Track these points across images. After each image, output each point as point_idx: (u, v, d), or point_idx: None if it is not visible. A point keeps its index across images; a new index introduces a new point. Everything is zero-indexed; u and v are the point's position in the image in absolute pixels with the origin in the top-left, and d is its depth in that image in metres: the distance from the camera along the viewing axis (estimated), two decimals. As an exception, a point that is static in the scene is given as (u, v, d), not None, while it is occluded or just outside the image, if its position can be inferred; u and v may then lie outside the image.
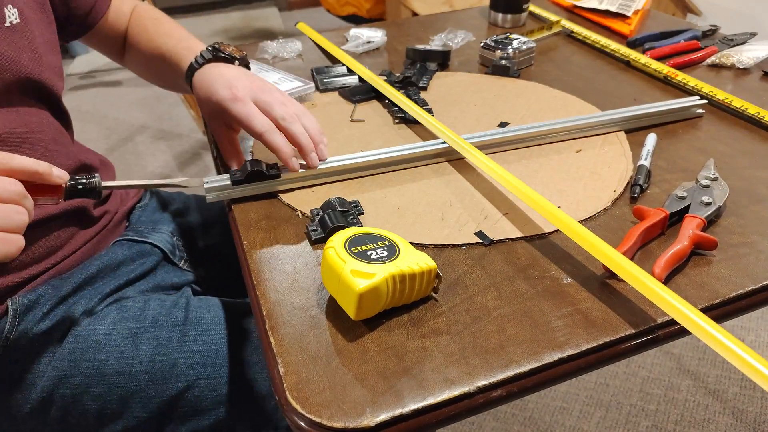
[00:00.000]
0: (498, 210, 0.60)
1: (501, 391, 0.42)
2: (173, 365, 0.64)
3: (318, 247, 0.56)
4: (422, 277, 0.47)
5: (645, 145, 0.68)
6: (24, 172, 0.48)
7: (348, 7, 2.49)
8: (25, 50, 0.63)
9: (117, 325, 0.65)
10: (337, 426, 0.39)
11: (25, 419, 0.63)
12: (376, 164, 0.66)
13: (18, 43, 0.62)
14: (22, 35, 0.62)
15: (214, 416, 0.64)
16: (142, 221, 0.80)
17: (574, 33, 1.02)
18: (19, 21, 0.62)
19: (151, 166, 2.15)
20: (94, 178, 0.54)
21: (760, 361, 0.39)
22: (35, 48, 0.64)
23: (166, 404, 0.63)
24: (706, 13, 2.24)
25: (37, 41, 0.65)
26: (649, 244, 0.55)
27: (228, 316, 0.68)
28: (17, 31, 0.62)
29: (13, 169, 0.47)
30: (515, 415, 1.26)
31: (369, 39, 1.00)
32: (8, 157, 0.47)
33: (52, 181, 0.51)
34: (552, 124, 0.71)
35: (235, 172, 0.62)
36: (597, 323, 0.46)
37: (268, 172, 0.62)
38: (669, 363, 1.35)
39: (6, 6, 0.61)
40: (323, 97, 0.84)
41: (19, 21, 0.62)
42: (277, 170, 0.62)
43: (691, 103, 0.75)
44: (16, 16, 0.62)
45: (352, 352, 0.45)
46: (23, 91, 0.63)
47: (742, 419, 1.23)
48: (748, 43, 0.94)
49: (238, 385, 0.65)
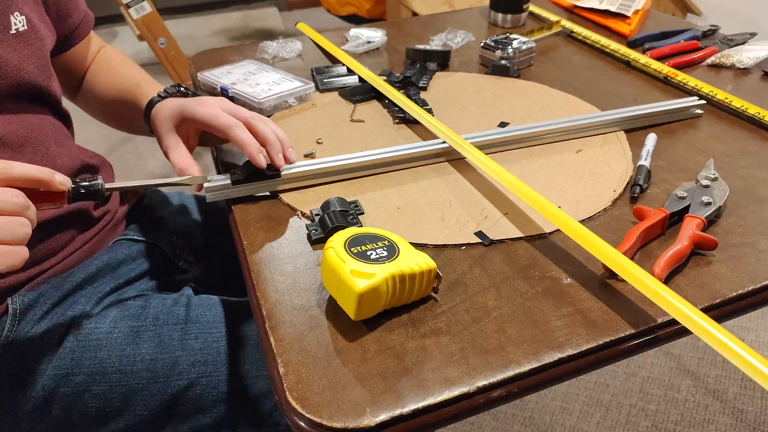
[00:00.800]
0: (498, 210, 0.60)
1: (501, 391, 0.42)
2: (175, 363, 0.64)
3: (318, 247, 0.56)
4: (422, 277, 0.47)
5: (645, 145, 0.68)
6: (26, 180, 0.47)
7: (348, 7, 2.49)
8: (31, 57, 0.62)
9: (118, 323, 0.65)
10: (337, 426, 0.39)
11: (26, 418, 0.63)
12: (376, 164, 0.66)
13: (24, 50, 0.62)
14: (28, 42, 0.62)
15: (215, 414, 0.64)
16: (142, 221, 0.80)
17: (574, 33, 1.02)
18: (27, 28, 0.62)
19: (151, 166, 2.15)
20: (96, 181, 0.54)
21: (761, 360, 0.39)
22: (43, 55, 0.64)
23: (167, 402, 0.64)
24: (706, 13, 2.24)
25: (44, 49, 0.65)
26: (649, 244, 0.55)
27: (229, 314, 0.68)
28: (23, 38, 0.62)
29: (14, 178, 0.47)
30: (515, 415, 1.26)
31: (369, 39, 1.00)
32: (8, 166, 0.46)
33: (55, 187, 0.50)
34: (552, 123, 0.71)
35: (234, 172, 0.62)
36: (597, 323, 0.46)
37: (268, 172, 0.62)
38: (669, 363, 1.35)
39: (13, 13, 0.61)
40: (323, 97, 0.84)
41: (26, 28, 0.62)
42: (276, 170, 0.62)
43: (690, 103, 0.76)
44: (24, 23, 0.62)
45: (352, 352, 0.45)
46: (26, 96, 0.63)
47: (742, 419, 1.23)
48: (748, 43, 0.94)
49: (239, 383, 0.65)
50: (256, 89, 0.80)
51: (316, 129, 0.76)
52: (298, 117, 0.79)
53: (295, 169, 0.63)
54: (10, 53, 0.60)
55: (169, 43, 1.99)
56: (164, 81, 2.89)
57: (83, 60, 0.80)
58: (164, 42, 1.91)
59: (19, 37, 0.61)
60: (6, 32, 0.60)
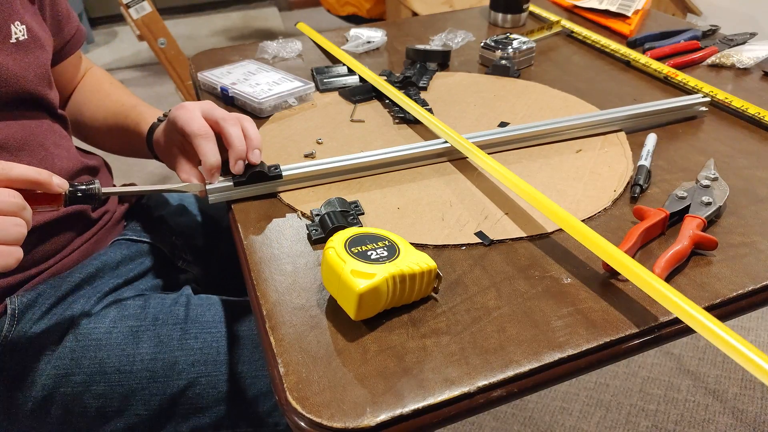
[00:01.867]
0: (498, 210, 0.60)
1: (501, 391, 0.42)
2: (174, 363, 0.64)
3: (318, 247, 0.55)
4: (422, 277, 0.47)
5: (645, 145, 0.68)
6: (24, 181, 0.48)
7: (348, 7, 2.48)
8: (31, 66, 0.62)
9: (117, 323, 0.65)
10: (337, 426, 0.39)
11: (26, 418, 0.63)
12: (377, 164, 0.66)
13: (24, 59, 0.62)
14: (28, 51, 0.62)
15: (215, 414, 0.64)
16: (141, 220, 0.80)
17: (574, 33, 1.02)
18: (27, 37, 0.62)
19: (151, 167, 2.14)
20: (93, 185, 0.54)
21: (761, 356, 0.39)
22: (42, 64, 0.64)
23: (167, 402, 0.64)
24: (706, 13, 2.24)
25: (44, 57, 0.64)
26: (650, 244, 0.55)
27: (228, 314, 0.68)
28: (23, 47, 0.62)
29: (12, 179, 0.47)
30: (515, 415, 1.26)
31: (369, 39, 1.00)
32: (8, 167, 0.47)
33: (53, 190, 0.50)
34: (552, 123, 0.71)
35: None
36: (597, 323, 0.46)
37: (270, 173, 0.62)
38: (669, 363, 1.35)
39: (13, 22, 0.60)
40: (323, 97, 0.84)
41: (27, 37, 0.62)
42: (278, 171, 0.62)
43: (695, 100, 0.75)
44: (24, 32, 0.61)
45: (352, 352, 0.45)
46: (25, 103, 0.63)
47: (742, 419, 1.23)
48: (748, 43, 0.94)
49: (239, 382, 0.65)
50: (256, 89, 0.80)
51: (316, 129, 0.76)
52: (298, 117, 0.79)
53: (296, 170, 0.63)
54: (10, 62, 0.60)
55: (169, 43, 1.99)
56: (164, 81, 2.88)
57: (72, 77, 0.80)
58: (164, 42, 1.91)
59: (19, 46, 0.61)
60: (6, 41, 0.60)
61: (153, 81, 2.72)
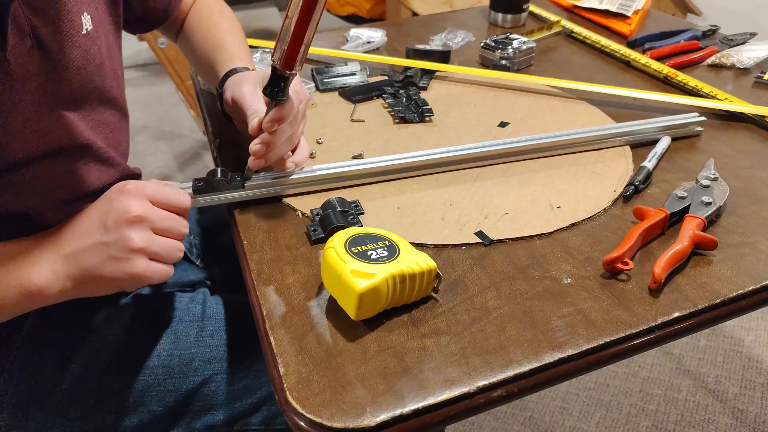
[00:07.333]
0: (498, 210, 0.60)
1: (501, 391, 0.42)
2: (191, 360, 0.64)
3: (318, 247, 0.56)
4: (422, 277, 0.47)
5: (655, 147, 0.67)
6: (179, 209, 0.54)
7: (348, 7, 2.48)
8: (94, 58, 0.61)
9: (135, 319, 0.65)
10: (337, 426, 0.39)
11: (43, 412, 0.63)
12: (377, 172, 0.64)
13: (90, 50, 0.61)
14: (93, 42, 0.61)
15: (229, 411, 0.65)
16: None
17: (574, 33, 1.02)
18: (92, 27, 0.61)
19: (151, 166, 2.15)
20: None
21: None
22: (101, 54, 0.63)
23: (181, 398, 0.64)
24: (706, 13, 2.24)
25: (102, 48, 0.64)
26: (650, 244, 0.55)
27: (245, 313, 0.68)
28: (90, 39, 0.60)
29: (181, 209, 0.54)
30: (515, 415, 1.26)
31: (369, 39, 1.00)
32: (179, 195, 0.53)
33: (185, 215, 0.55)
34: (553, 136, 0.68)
35: (198, 180, 0.59)
36: (597, 323, 0.46)
37: (230, 182, 0.59)
38: (669, 363, 1.35)
39: (82, 13, 0.59)
40: (323, 97, 0.84)
41: (92, 27, 0.61)
42: (241, 180, 0.59)
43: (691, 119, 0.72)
44: (90, 22, 0.61)
45: (352, 352, 0.45)
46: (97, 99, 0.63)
47: (742, 419, 1.23)
48: (748, 43, 0.94)
49: (253, 380, 0.65)
50: (256, 89, 0.80)
51: (316, 129, 0.76)
52: (298, 117, 0.79)
53: (296, 175, 0.62)
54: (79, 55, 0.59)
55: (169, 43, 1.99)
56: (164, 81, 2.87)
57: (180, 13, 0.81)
58: (164, 42, 1.91)
59: (88, 38, 0.60)
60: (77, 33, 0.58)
61: (153, 81, 2.72)
